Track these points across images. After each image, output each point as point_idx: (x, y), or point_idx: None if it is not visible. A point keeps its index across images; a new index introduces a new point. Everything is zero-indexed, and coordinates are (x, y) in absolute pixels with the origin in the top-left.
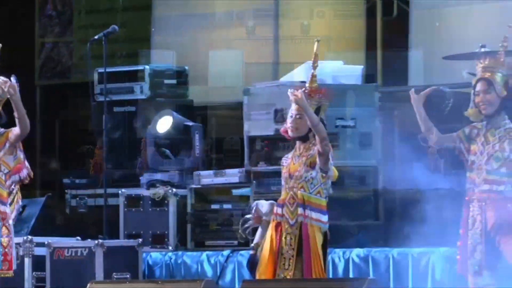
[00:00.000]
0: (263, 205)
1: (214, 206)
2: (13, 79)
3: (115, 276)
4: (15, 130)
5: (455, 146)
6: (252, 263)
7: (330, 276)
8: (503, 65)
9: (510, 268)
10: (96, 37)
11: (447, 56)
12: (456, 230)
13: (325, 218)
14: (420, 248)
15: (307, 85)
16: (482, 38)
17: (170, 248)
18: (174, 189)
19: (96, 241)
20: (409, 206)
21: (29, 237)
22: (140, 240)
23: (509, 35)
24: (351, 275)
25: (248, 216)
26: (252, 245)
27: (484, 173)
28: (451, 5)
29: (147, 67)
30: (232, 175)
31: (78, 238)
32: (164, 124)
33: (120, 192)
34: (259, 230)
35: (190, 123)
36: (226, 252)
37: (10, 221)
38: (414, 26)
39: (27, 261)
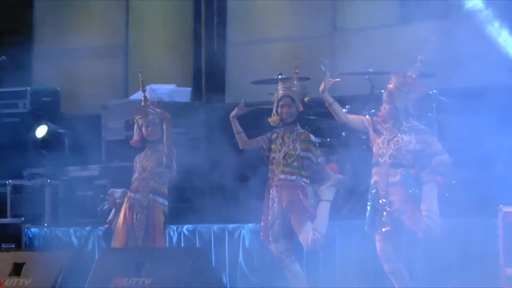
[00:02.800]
0: (117, 191)
1: (79, 193)
2: None
3: (3, 246)
4: None
5: (260, 147)
6: (107, 235)
7: (167, 245)
8: (295, 86)
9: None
10: None
11: (254, 81)
12: (260, 210)
13: (167, 202)
14: (234, 224)
15: (142, 104)
16: (279, 68)
17: (46, 224)
18: (49, 180)
19: None
20: (229, 192)
21: None
22: (23, 218)
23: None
24: (182, 245)
25: (105, 201)
26: (107, 221)
27: (281, 166)
28: (255, 43)
29: (28, 88)
30: (94, 169)
31: None
32: (41, 131)
33: (7, 182)
34: (113, 210)
35: (61, 130)
36: (88, 228)
37: None
38: (229, 59)
39: None
